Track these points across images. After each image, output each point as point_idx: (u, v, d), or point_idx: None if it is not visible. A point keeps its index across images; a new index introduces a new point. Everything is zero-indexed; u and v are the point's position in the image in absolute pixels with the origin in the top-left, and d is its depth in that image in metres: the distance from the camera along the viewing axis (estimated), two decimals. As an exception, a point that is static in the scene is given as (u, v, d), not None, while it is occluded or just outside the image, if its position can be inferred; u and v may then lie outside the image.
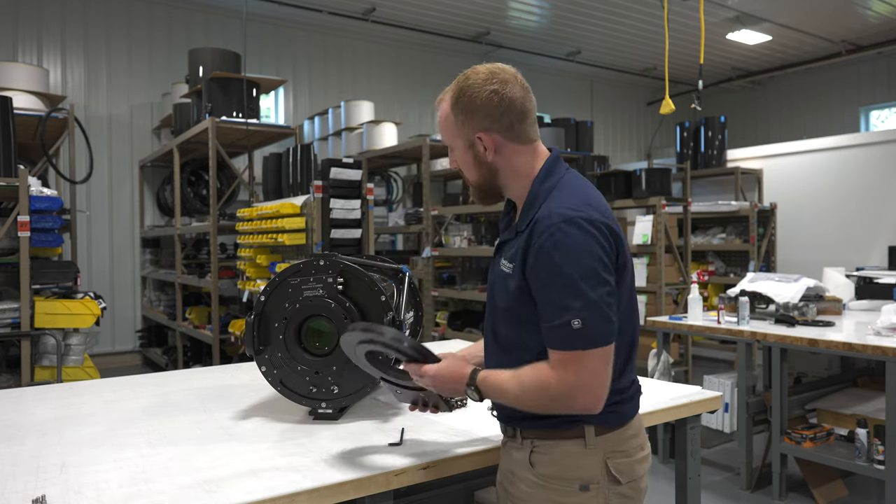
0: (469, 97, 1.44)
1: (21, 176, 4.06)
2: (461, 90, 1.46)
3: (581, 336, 1.29)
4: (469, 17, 9.46)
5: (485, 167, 1.48)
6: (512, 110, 1.44)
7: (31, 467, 1.49)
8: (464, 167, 1.52)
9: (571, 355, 1.30)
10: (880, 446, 3.14)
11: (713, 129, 8.70)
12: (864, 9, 9.32)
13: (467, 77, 1.47)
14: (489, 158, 1.47)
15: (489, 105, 1.43)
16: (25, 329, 4.11)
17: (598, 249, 1.32)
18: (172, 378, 2.46)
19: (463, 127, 1.46)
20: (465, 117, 1.45)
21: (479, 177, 1.50)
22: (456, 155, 1.52)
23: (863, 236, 7.29)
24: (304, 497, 1.35)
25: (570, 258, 1.30)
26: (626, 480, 1.42)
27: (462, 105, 1.45)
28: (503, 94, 1.44)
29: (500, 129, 1.44)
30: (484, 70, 1.47)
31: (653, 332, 4.29)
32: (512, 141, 1.46)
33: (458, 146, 1.50)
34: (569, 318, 1.29)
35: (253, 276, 5.01)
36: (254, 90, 6.06)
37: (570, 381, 1.30)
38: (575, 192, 1.40)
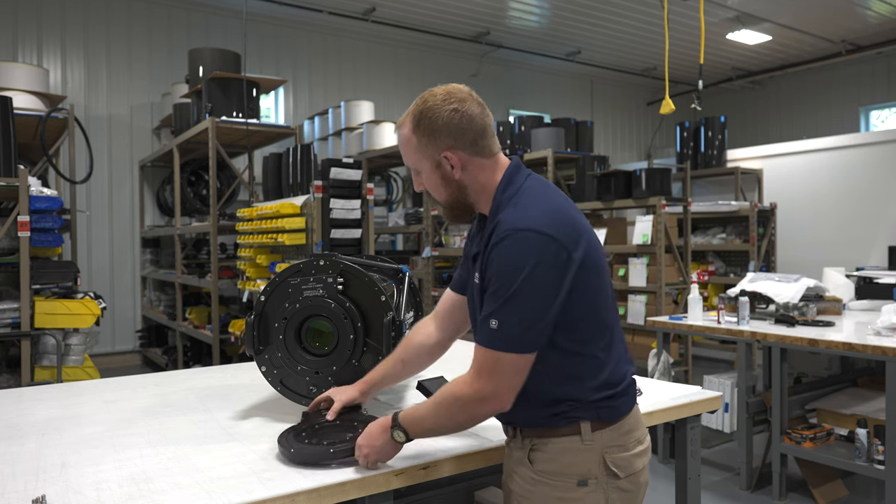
0: (430, 118, 1.46)
1: (21, 176, 4.06)
2: (421, 112, 1.47)
3: (495, 336, 1.34)
4: (469, 17, 9.46)
5: (453, 185, 1.50)
6: (473, 126, 1.47)
7: (31, 467, 1.49)
8: (432, 188, 1.54)
9: (488, 353, 1.36)
10: (880, 446, 3.14)
11: (713, 129, 8.70)
12: (864, 9, 9.32)
13: (425, 100, 1.48)
14: (457, 176, 1.49)
15: (451, 124, 1.45)
16: (25, 329, 4.11)
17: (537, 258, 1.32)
18: (172, 378, 2.46)
19: (427, 148, 1.48)
20: (429, 139, 1.47)
21: (449, 195, 1.52)
22: (423, 177, 1.53)
23: (863, 236, 7.29)
24: (304, 497, 1.35)
25: (508, 265, 1.33)
26: (624, 475, 1.44)
27: (424, 127, 1.47)
28: (463, 111, 1.46)
29: (463, 146, 1.47)
30: (441, 91, 1.49)
31: (653, 332, 4.29)
32: (476, 156, 1.48)
33: (424, 168, 1.51)
34: (489, 316, 1.35)
35: (253, 276, 5.01)
36: (254, 90, 6.06)
37: (484, 379, 1.36)
38: (534, 202, 1.41)
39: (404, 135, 1.52)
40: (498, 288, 1.35)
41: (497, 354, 1.35)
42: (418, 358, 1.75)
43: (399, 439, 1.45)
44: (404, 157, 1.56)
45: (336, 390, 1.72)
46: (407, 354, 1.74)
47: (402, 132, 1.52)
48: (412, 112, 1.50)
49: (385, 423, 1.47)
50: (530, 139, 8.53)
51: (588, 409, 1.43)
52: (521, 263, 1.32)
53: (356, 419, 1.66)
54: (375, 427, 1.48)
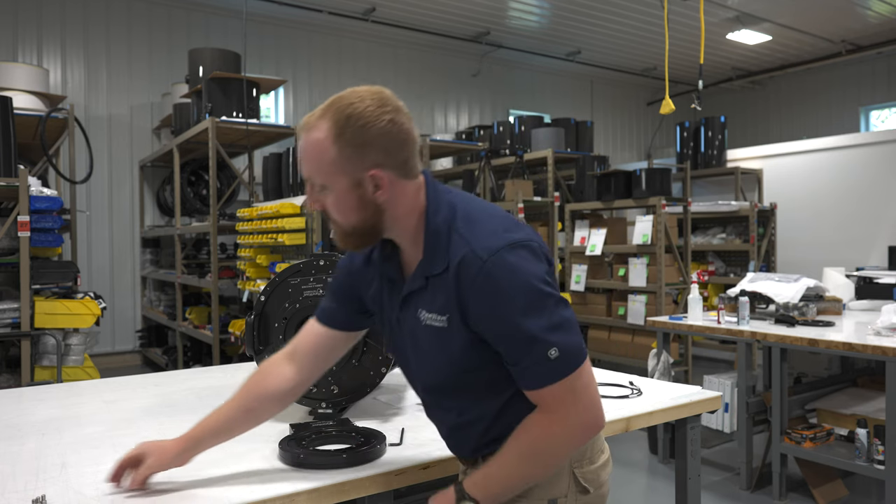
0: (361, 127, 1.19)
1: (21, 176, 4.06)
2: (347, 118, 1.19)
3: (561, 364, 1.17)
4: (469, 17, 9.46)
5: (370, 210, 1.24)
6: (408, 142, 1.24)
7: (31, 467, 1.49)
8: (340, 211, 1.25)
9: (561, 386, 1.18)
10: (880, 446, 3.14)
11: (713, 129, 8.70)
12: (864, 9, 9.32)
13: (351, 102, 1.21)
14: (379, 198, 1.23)
15: (385, 137, 1.20)
16: (25, 329, 4.11)
17: (537, 268, 1.20)
18: (172, 378, 2.46)
19: (348, 164, 1.20)
20: (354, 151, 1.19)
21: (362, 221, 1.25)
22: (330, 195, 1.24)
23: (863, 236, 7.29)
24: (304, 497, 1.35)
25: (516, 289, 1.16)
26: (593, 489, 1.35)
27: (350, 136, 1.19)
28: (399, 124, 1.22)
29: (394, 164, 1.22)
30: (368, 94, 1.22)
31: (653, 332, 4.29)
32: (403, 177, 1.24)
33: (337, 186, 1.22)
34: (544, 351, 1.16)
35: (253, 276, 5.01)
36: (254, 90, 6.06)
37: (571, 411, 1.19)
38: (483, 219, 1.24)
39: (317, 141, 1.21)
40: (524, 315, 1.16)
41: (570, 380, 1.18)
42: (268, 407, 1.46)
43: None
44: (306, 167, 1.24)
45: (148, 449, 1.37)
46: (254, 402, 1.44)
47: (314, 136, 1.22)
48: (332, 115, 1.21)
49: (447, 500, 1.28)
50: (530, 139, 8.54)
51: None
52: (532, 275, 1.18)
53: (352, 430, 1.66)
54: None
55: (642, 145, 13.47)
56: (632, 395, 2.07)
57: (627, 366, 5.82)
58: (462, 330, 1.23)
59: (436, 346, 1.27)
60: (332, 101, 1.23)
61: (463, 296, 1.20)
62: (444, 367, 1.29)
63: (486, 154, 7.48)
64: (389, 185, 1.23)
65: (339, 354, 1.51)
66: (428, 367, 1.33)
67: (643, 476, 4.01)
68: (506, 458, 1.25)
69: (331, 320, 1.45)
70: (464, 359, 1.25)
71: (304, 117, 1.26)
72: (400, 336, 1.36)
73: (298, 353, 1.47)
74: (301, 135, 1.25)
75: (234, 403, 1.45)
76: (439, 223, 1.24)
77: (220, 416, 1.44)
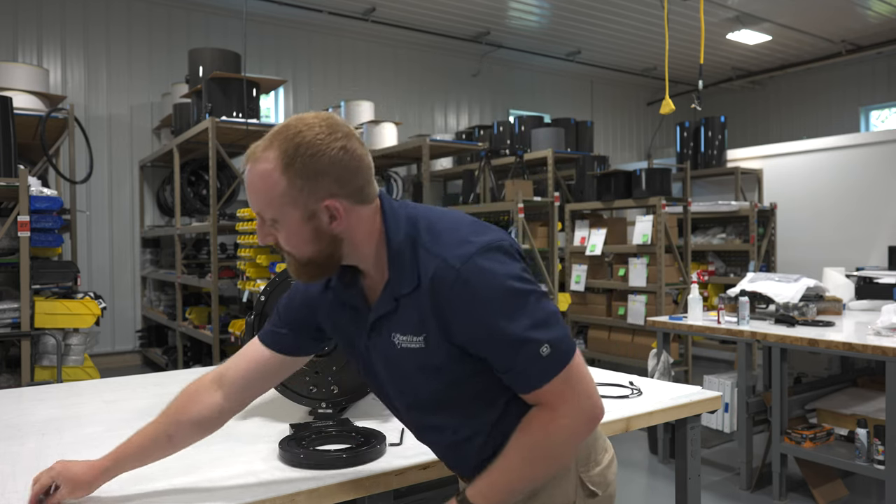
0: (311, 156, 1.12)
1: (21, 176, 4.06)
2: (296, 147, 1.12)
3: (555, 360, 1.14)
4: (469, 17, 9.46)
5: (325, 240, 1.18)
6: (362, 169, 1.18)
7: (31, 467, 1.49)
8: (293, 244, 1.19)
9: (557, 381, 1.15)
10: (880, 446, 3.14)
11: (713, 129, 8.70)
12: (864, 9, 9.32)
13: (300, 131, 1.14)
14: (335, 229, 1.17)
15: (338, 166, 1.14)
16: (25, 329, 4.11)
17: (512, 268, 1.16)
18: (172, 378, 2.46)
19: (300, 195, 1.13)
20: (305, 182, 1.13)
21: (318, 252, 1.19)
22: (283, 229, 1.17)
23: (863, 236, 7.29)
24: (304, 497, 1.35)
25: (494, 292, 1.12)
26: (602, 492, 1.33)
27: (300, 167, 1.12)
28: (352, 150, 1.16)
29: (348, 193, 1.16)
30: (316, 120, 1.16)
31: (653, 332, 4.29)
32: (359, 204, 1.18)
33: (289, 219, 1.16)
34: (534, 350, 1.13)
35: (253, 276, 5.01)
36: (254, 90, 6.06)
37: (571, 405, 1.16)
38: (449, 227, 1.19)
39: (265, 172, 1.14)
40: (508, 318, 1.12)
41: (565, 374, 1.15)
42: (190, 434, 1.37)
43: None
44: (254, 201, 1.17)
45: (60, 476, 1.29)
46: (176, 429, 1.35)
47: (261, 167, 1.14)
48: (280, 144, 1.13)
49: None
50: (530, 139, 8.54)
51: None
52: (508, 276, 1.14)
53: (352, 430, 1.66)
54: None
55: (642, 145, 13.48)
56: (632, 395, 2.07)
57: (627, 366, 5.82)
58: (443, 345, 1.18)
59: (416, 368, 1.22)
60: (279, 130, 1.15)
61: (441, 310, 1.15)
62: (429, 386, 1.24)
63: (486, 154, 7.48)
64: (345, 214, 1.17)
65: (278, 379, 1.43)
66: (410, 390, 1.27)
67: (643, 476, 4.01)
68: (509, 461, 1.20)
69: (277, 344, 1.37)
70: (449, 375, 1.21)
71: (250, 147, 1.19)
72: (371, 363, 1.30)
73: (228, 378, 1.37)
74: (248, 166, 1.17)
75: (154, 428, 1.36)
76: (401, 241, 1.19)
77: (139, 441, 1.35)
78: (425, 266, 1.16)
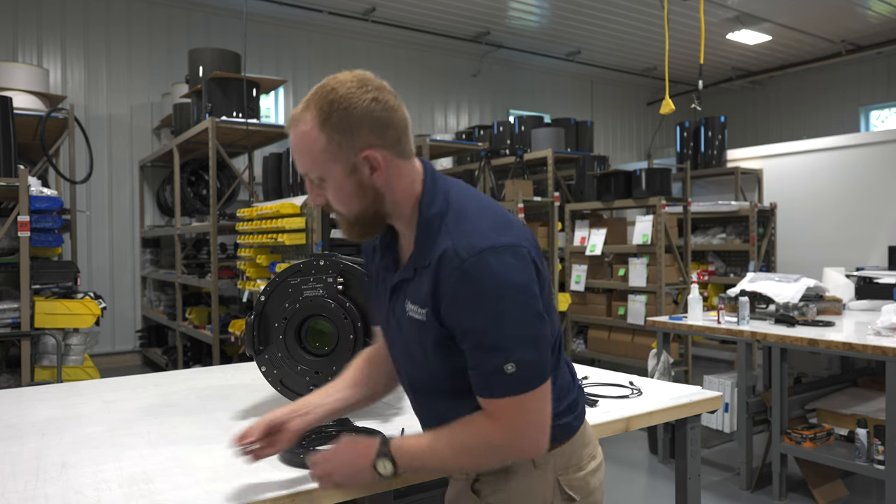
0: (345, 108, 1.16)
1: (21, 176, 4.06)
2: (331, 103, 1.17)
3: (517, 379, 1.13)
4: (469, 17, 9.46)
5: (370, 195, 1.21)
6: (396, 120, 1.21)
7: (31, 467, 1.49)
8: (341, 200, 1.23)
9: (511, 402, 1.14)
10: (880, 446, 3.14)
11: (713, 129, 8.70)
12: (864, 9, 9.32)
13: (333, 88, 1.18)
14: (378, 182, 1.20)
15: (371, 116, 1.17)
16: (25, 329, 4.11)
17: (518, 276, 1.14)
18: (172, 378, 2.46)
19: (339, 149, 1.17)
20: (343, 136, 1.17)
21: (364, 207, 1.22)
22: (330, 186, 1.22)
23: (863, 236, 7.29)
24: (304, 497, 1.35)
25: (489, 294, 1.12)
26: (580, 497, 1.31)
27: (336, 121, 1.16)
28: (384, 101, 1.19)
29: (386, 144, 1.20)
30: (349, 77, 1.20)
31: (653, 332, 4.29)
32: (398, 157, 1.22)
33: (333, 175, 1.20)
34: (500, 363, 1.12)
35: (253, 276, 5.01)
36: (254, 90, 6.06)
37: (516, 430, 1.17)
38: (475, 215, 1.20)
39: (304, 133, 1.19)
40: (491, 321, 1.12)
41: (522, 398, 1.14)
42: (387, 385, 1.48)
43: (384, 471, 1.24)
44: (300, 162, 1.22)
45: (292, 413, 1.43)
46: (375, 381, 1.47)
47: (301, 128, 1.19)
48: (315, 103, 1.18)
49: (367, 448, 1.26)
50: (530, 139, 8.54)
51: None
52: (508, 283, 1.12)
53: (352, 430, 1.65)
54: (352, 449, 1.27)
55: (642, 145, 13.48)
56: (632, 395, 2.07)
57: (627, 366, 5.82)
58: (434, 325, 1.19)
59: (415, 339, 1.25)
60: (314, 91, 1.20)
61: (438, 291, 1.17)
62: (422, 362, 1.27)
63: (486, 154, 7.48)
64: (385, 165, 1.20)
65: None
66: (409, 360, 1.31)
67: (643, 476, 4.01)
68: (438, 441, 1.23)
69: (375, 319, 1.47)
70: (436, 355, 1.22)
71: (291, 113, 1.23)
72: (388, 326, 1.34)
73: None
74: (290, 131, 1.22)
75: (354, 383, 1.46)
76: (432, 215, 1.21)
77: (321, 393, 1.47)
78: (439, 245, 1.17)
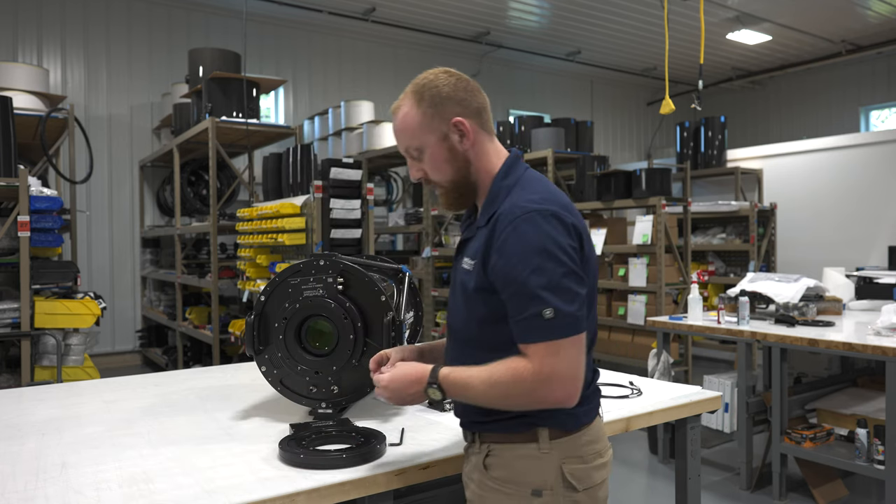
0: (435, 88, 1.42)
1: (21, 176, 4.06)
2: (423, 87, 1.43)
3: (554, 325, 1.25)
4: (469, 17, 9.46)
5: (460, 159, 1.43)
6: (477, 98, 1.45)
7: (31, 467, 1.49)
8: (436, 167, 1.45)
9: (546, 346, 1.26)
10: (880, 446, 3.14)
11: (713, 129, 8.70)
12: (864, 9, 9.32)
13: (423, 77, 1.45)
14: (465, 146, 1.43)
15: (457, 91, 1.42)
16: (25, 329, 4.11)
17: (562, 238, 1.30)
18: (172, 378, 2.46)
19: (433, 120, 1.41)
20: (435, 109, 1.41)
21: (455, 172, 1.44)
22: (426, 156, 1.44)
23: (863, 236, 7.29)
24: (304, 497, 1.35)
25: (535, 248, 1.27)
26: (582, 487, 1.36)
27: (429, 98, 1.42)
28: (466, 80, 1.45)
29: (471, 114, 1.43)
30: (436, 69, 1.47)
31: (653, 332, 4.29)
32: (481, 129, 1.44)
33: (429, 144, 1.43)
34: (539, 309, 1.25)
35: (253, 276, 5.01)
36: (254, 90, 6.06)
37: (547, 372, 1.26)
38: (536, 188, 1.39)
39: (405, 114, 1.44)
40: (533, 272, 1.26)
41: (558, 343, 1.26)
42: None
43: (435, 397, 1.37)
44: (403, 141, 1.46)
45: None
46: None
47: (402, 112, 1.45)
48: (410, 91, 1.44)
49: (420, 374, 1.38)
50: (530, 139, 8.53)
51: (546, 415, 1.35)
52: (553, 241, 1.28)
53: (352, 430, 1.66)
54: (409, 375, 1.40)
55: (642, 145, 13.48)
56: (632, 395, 2.07)
57: (627, 366, 5.82)
58: (479, 274, 1.35)
59: (461, 288, 1.43)
60: (411, 85, 1.45)
61: (490, 242, 1.33)
62: (461, 308, 1.43)
63: (486, 154, 7.46)
64: (472, 132, 1.42)
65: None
66: (453, 307, 1.49)
67: (643, 476, 4.01)
68: (478, 374, 1.33)
69: None
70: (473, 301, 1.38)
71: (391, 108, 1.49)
72: (452, 278, 1.51)
73: None
74: (394, 118, 1.47)
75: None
76: (503, 186, 1.41)
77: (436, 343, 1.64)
78: (502, 208, 1.36)
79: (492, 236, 1.34)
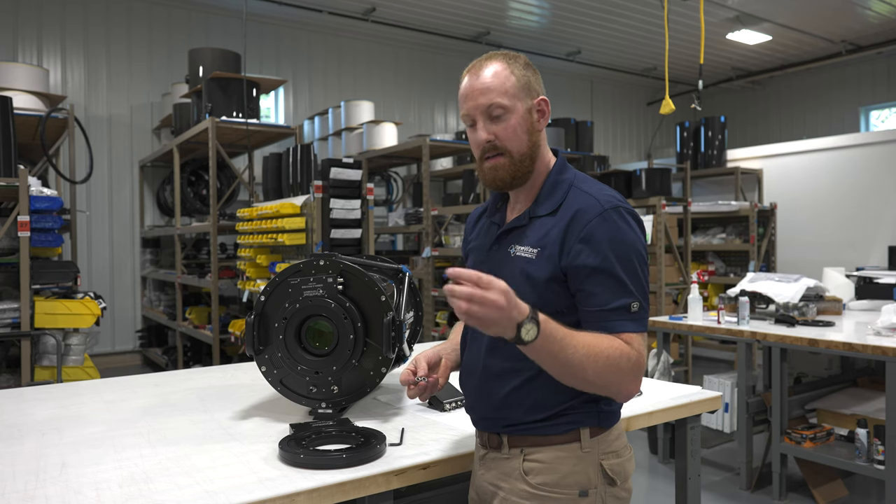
0: (524, 63, 1.44)
1: (21, 176, 4.06)
2: (513, 58, 1.43)
3: (641, 319, 1.31)
4: (469, 17, 9.46)
5: (535, 138, 1.43)
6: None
7: (31, 467, 1.49)
8: (514, 134, 1.39)
9: (641, 337, 1.31)
10: (880, 446, 3.14)
11: (713, 129, 8.70)
12: (864, 9, 9.32)
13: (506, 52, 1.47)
14: (540, 128, 1.44)
15: (536, 75, 1.45)
16: (25, 329, 4.11)
17: (642, 238, 1.37)
18: (172, 378, 2.46)
19: (529, 89, 1.41)
20: (527, 82, 1.41)
21: (529, 146, 1.41)
22: (510, 120, 1.39)
23: (863, 236, 7.29)
24: (304, 497, 1.35)
25: (627, 243, 1.32)
26: (620, 481, 1.39)
27: (521, 70, 1.42)
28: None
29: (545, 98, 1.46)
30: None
31: (653, 332, 4.29)
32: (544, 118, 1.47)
33: (517, 109, 1.39)
34: (629, 301, 1.30)
35: (253, 276, 5.01)
36: (254, 90, 6.06)
37: (643, 362, 1.30)
38: (600, 185, 1.42)
39: (498, 71, 1.40)
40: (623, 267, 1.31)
41: (642, 336, 1.32)
42: None
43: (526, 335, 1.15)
44: (490, 96, 1.38)
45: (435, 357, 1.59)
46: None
47: (494, 68, 1.40)
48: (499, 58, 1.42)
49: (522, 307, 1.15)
50: (530, 139, 8.52)
51: (589, 414, 1.36)
52: (637, 242, 1.34)
53: (352, 430, 1.66)
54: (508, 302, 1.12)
55: (642, 145, 13.48)
56: (632, 395, 2.07)
57: (627, 366, 5.81)
58: (549, 263, 1.34)
59: (520, 273, 1.37)
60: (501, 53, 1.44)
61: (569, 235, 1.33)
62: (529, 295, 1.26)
63: (487, 154, 7.46)
64: (547, 116, 1.45)
65: None
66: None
67: (643, 476, 4.01)
68: (582, 337, 1.24)
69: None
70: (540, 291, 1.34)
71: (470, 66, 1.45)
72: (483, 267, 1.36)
73: None
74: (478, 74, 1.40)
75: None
76: (562, 179, 1.43)
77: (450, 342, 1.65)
78: (573, 200, 1.38)
79: (569, 230, 1.34)
